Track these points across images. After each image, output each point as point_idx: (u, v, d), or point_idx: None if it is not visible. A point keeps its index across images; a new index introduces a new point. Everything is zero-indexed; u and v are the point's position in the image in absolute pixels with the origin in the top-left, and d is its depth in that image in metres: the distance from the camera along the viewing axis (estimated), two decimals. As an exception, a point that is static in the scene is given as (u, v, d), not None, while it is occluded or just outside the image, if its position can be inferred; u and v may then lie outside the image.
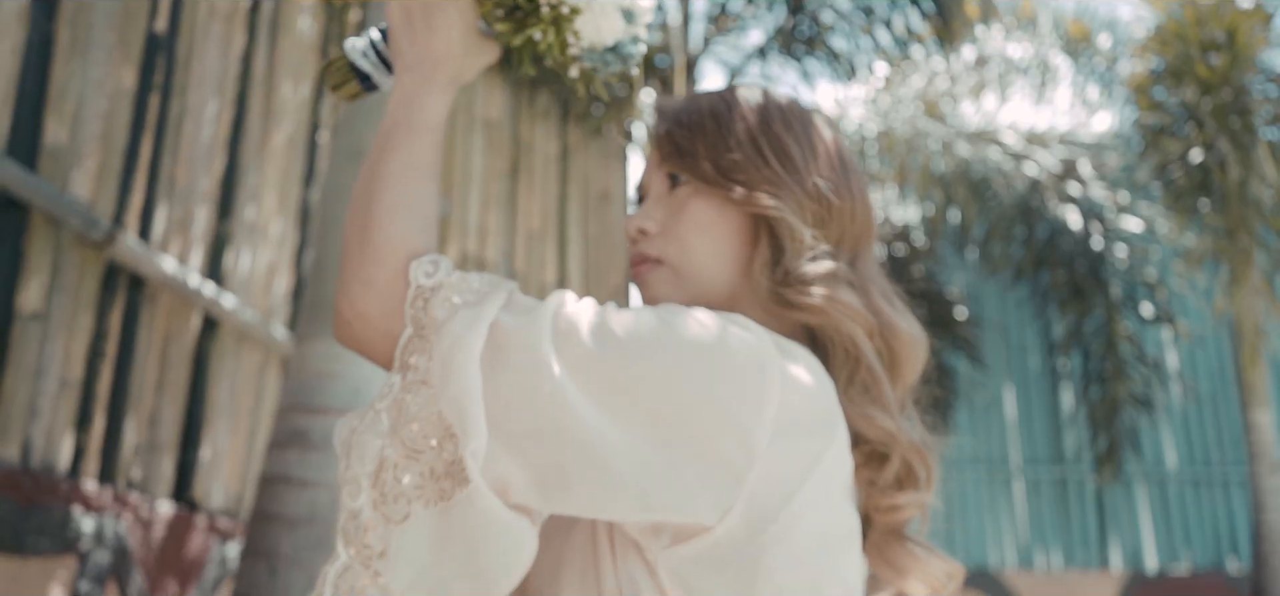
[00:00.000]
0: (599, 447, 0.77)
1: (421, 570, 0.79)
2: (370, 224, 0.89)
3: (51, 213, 2.56)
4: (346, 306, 0.87)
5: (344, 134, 2.81)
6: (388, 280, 0.86)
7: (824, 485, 0.82)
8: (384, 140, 0.93)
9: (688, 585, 0.81)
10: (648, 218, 0.95)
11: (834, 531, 0.83)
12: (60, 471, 2.65)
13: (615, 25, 1.00)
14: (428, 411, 0.81)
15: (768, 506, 0.78)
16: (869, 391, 0.89)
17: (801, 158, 0.94)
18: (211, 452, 3.41)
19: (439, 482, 0.80)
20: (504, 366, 0.78)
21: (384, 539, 0.80)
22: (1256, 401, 6.19)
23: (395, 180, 0.90)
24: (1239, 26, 5.13)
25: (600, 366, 0.78)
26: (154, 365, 3.10)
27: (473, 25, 0.96)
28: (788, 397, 0.81)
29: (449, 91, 0.97)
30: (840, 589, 0.83)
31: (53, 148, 2.61)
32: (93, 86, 2.78)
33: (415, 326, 0.83)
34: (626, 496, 0.77)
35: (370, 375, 2.72)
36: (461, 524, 0.78)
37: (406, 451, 0.81)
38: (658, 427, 0.78)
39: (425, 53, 0.96)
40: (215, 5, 3.46)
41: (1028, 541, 7.32)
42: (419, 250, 0.87)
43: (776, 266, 0.90)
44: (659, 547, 0.81)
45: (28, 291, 2.53)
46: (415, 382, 0.82)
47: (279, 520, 2.52)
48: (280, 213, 3.92)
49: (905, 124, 6.44)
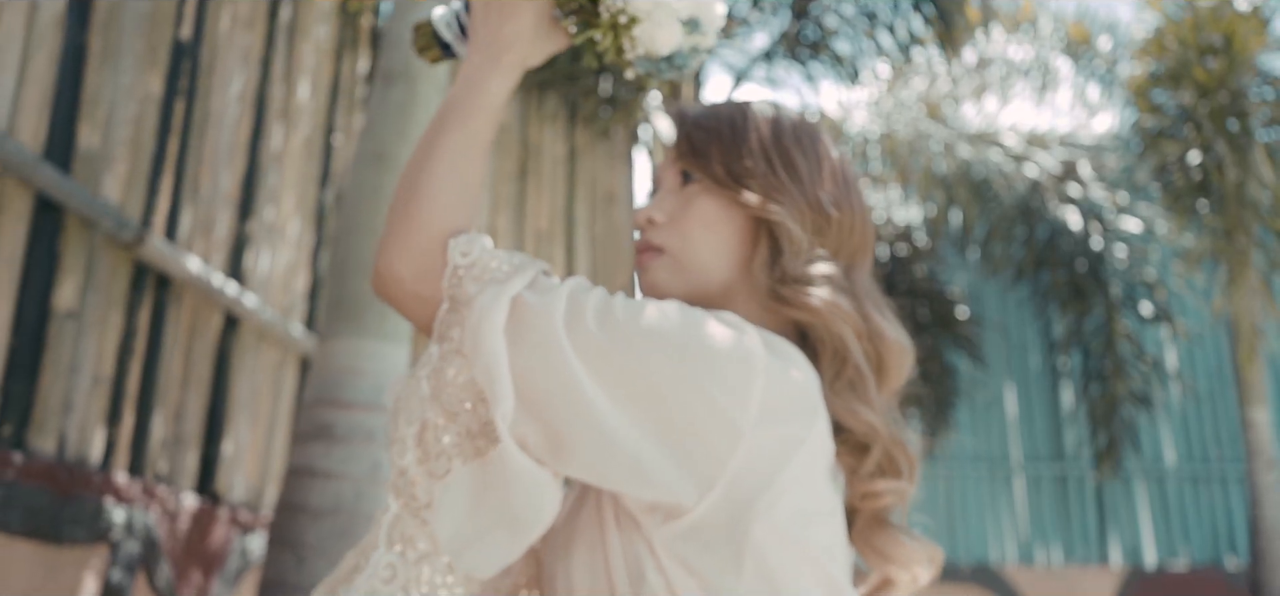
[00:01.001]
0: (598, 422, 0.84)
1: (463, 518, 0.87)
2: (418, 191, 0.96)
3: (85, 214, 2.65)
4: (384, 264, 0.94)
5: (367, 138, 2.90)
6: (425, 247, 0.93)
7: (805, 467, 0.88)
8: (445, 114, 0.99)
9: (682, 559, 0.88)
10: (657, 208, 1.03)
11: (814, 508, 0.90)
12: (93, 464, 2.75)
13: (672, 37, 1.05)
14: (462, 378, 0.88)
15: (753, 485, 0.85)
16: (855, 388, 0.96)
17: (807, 171, 1.02)
18: (233, 447, 3.50)
19: (475, 441, 0.88)
20: (524, 339, 0.85)
21: (429, 492, 0.88)
22: (1254, 399, 6.27)
23: (448, 154, 0.97)
24: (1236, 30, 5.21)
25: (603, 351, 0.85)
26: (179, 362, 3.20)
27: (546, 13, 1.02)
28: (771, 389, 0.87)
29: (513, 74, 1.01)
30: (822, 559, 0.89)
31: (86, 152, 2.71)
32: (123, 93, 2.87)
33: (451, 302, 0.90)
34: (620, 469, 0.85)
35: (392, 371, 2.81)
36: (496, 477, 0.86)
37: (446, 414, 0.88)
38: (649, 412, 0.85)
39: (497, 34, 1.01)
40: (237, 13, 3.56)
41: (1028, 537, 7.37)
42: (459, 226, 0.94)
43: (774, 266, 0.97)
44: (653, 525, 0.88)
45: (63, 290, 2.63)
46: (451, 352, 0.89)
47: (305, 511, 2.62)
48: (298, 213, 4.02)
49: (908, 126, 6.53)
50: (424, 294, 0.92)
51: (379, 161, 2.89)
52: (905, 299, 7.21)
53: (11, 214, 2.43)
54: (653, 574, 0.89)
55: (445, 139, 0.97)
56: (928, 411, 7.19)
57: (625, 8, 1.00)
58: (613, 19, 1.01)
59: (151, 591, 2.96)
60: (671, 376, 0.84)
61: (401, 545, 0.88)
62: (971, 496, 7.45)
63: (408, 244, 0.94)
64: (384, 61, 3.02)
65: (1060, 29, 7.46)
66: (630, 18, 1.01)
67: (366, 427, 2.72)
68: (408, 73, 2.99)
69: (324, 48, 4.25)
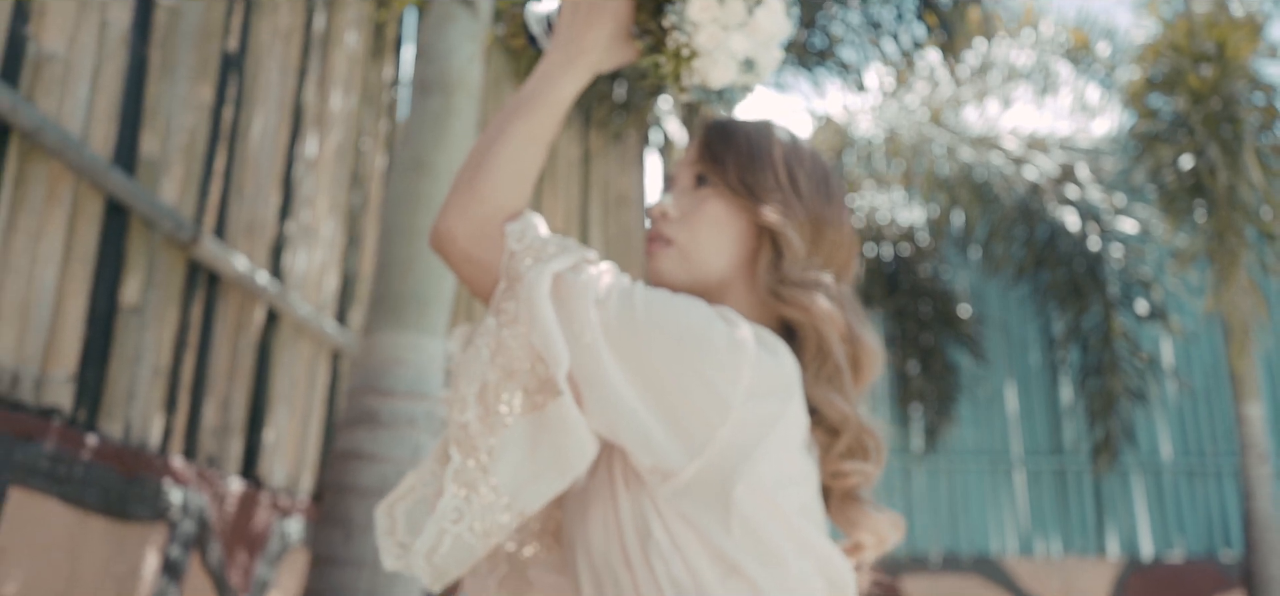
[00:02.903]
0: (612, 389, 0.98)
1: (518, 464, 1.00)
2: (483, 168, 1.07)
3: (147, 216, 2.85)
4: (444, 224, 1.06)
5: (406, 146, 3.10)
6: (481, 218, 1.05)
7: (781, 440, 1.02)
8: (519, 102, 1.10)
9: (682, 514, 1.01)
10: (672, 204, 1.15)
11: (789, 472, 1.03)
12: (153, 448, 2.95)
13: (727, 74, 1.15)
14: (520, 342, 1.00)
15: (737, 453, 0.99)
16: (833, 381, 1.09)
17: (810, 191, 1.14)
18: (274, 435, 3.70)
19: (532, 397, 1.00)
20: (564, 311, 0.99)
21: (488, 443, 1.00)
22: (1247, 395, 6.42)
23: (513, 141, 1.07)
24: (1228, 38, 5.37)
25: (622, 331, 0.98)
26: (226, 354, 3.40)
27: (624, 27, 1.13)
28: (757, 373, 1.00)
29: (584, 76, 1.12)
30: (794, 518, 1.02)
31: (147, 158, 2.91)
32: (179, 103, 3.07)
33: (507, 279, 1.03)
34: (626, 429, 0.98)
35: (430, 362, 3.01)
36: (552, 426, 0.99)
37: (504, 374, 1.01)
38: (652, 385, 0.98)
39: (576, 38, 1.12)
40: (277, 25, 3.75)
41: (1028, 529, 7.45)
42: (514, 208, 1.06)
43: (775, 269, 1.11)
44: (655, 484, 1.00)
45: (128, 287, 2.83)
46: (508, 321, 1.01)
47: (352, 491, 2.81)
48: (330, 215, 4.21)
49: (911, 130, 6.69)
50: (473, 255, 1.05)
51: (417, 168, 3.08)
52: (909, 297, 7.37)
53: (85, 216, 2.63)
54: (658, 528, 1.02)
55: (514, 126, 1.08)
56: (931, 406, 7.34)
57: (690, 42, 1.11)
58: (677, 50, 1.12)
59: (204, 569, 3.16)
60: (675, 357, 0.98)
61: (465, 489, 1.00)
62: (973, 489, 7.53)
63: (467, 212, 1.06)
64: (421, 73, 3.21)
65: (1061, 34, 7.60)
66: (692, 52, 1.12)
67: (408, 414, 2.91)
68: (443, 84, 3.19)
69: (354, 56, 4.45)
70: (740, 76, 1.17)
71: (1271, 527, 6.23)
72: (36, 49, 2.44)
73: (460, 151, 3.16)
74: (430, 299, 2.99)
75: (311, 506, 3.94)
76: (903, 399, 7.40)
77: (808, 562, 1.04)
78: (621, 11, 1.12)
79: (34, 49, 2.44)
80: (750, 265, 1.15)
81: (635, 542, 1.04)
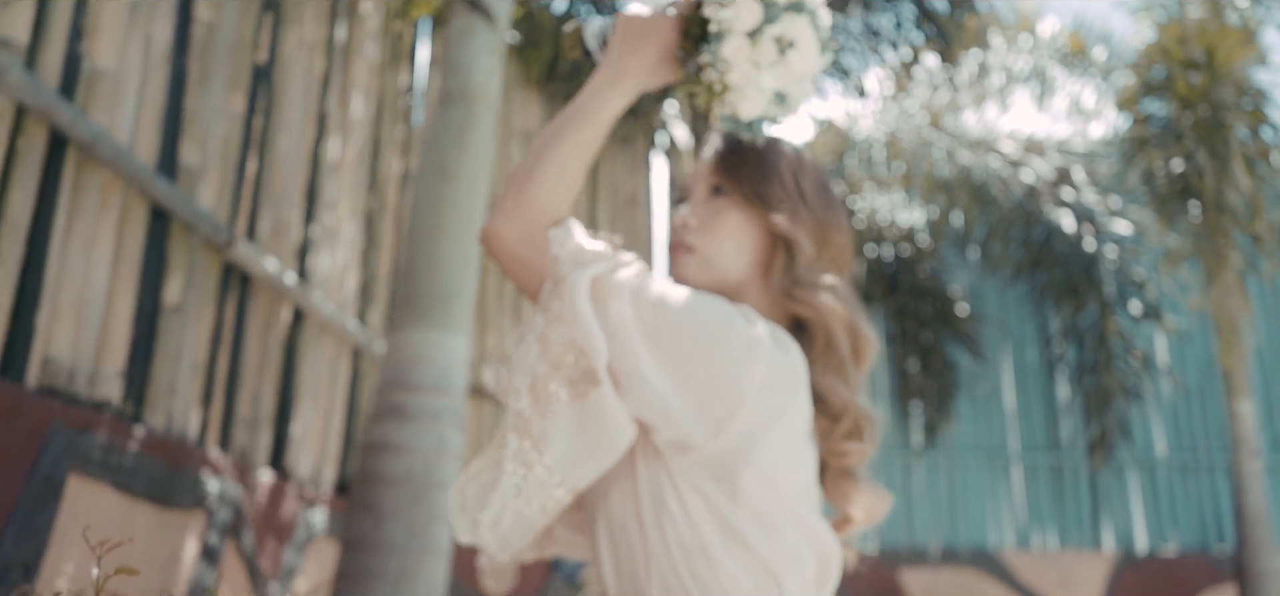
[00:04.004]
0: (644, 375, 1.08)
1: (567, 446, 1.11)
2: (532, 176, 1.17)
3: (187, 221, 3.02)
4: (494, 225, 1.17)
5: (430, 153, 3.26)
6: (529, 223, 1.15)
7: (787, 429, 1.14)
8: (568, 117, 1.19)
9: (693, 484, 1.11)
10: (692, 215, 1.25)
11: (791, 457, 1.15)
12: (192, 439, 3.12)
13: (757, 107, 1.22)
14: (564, 338, 1.11)
15: (749, 437, 1.10)
16: (838, 372, 1.22)
17: (814, 198, 1.27)
18: (300, 428, 3.87)
19: (576, 386, 1.11)
20: (602, 310, 1.11)
21: (541, 428, 1.11)
22: (1239, 392, 6.56)
23: (562, 154, 1.17)
24: (1218, 46, 5.52)
25: (654, 325, 1.09)
26: (256, 351, 3.56)
27: (670, 51, 1.22)
28: (770, 369, 1.12)
29: (630, 94, 1.21)
30: (791, 497, 1.14)
31: (186, 166, 3.08)
32: (214, 113, 3.24)
33: (552, 282, 1.13)
34: (655, 409, 1.08)
35: (453, 359, 3.17)
36: (594, 412, 1.10)
37: (552, 366, 1.11)
38: (680, 374, 1.09)
39: (625, 59, 1.21)
40: (302, 36, 3.92)
41: (1025, 523, 7.58)
42: (558, 215, 1.15)
43: (788, 272, 1.23)
44: (672, 456, 1.11)
45: (170, 288, 3.00)
46: (553, 320, 1.12)
47: (381, 480, 2.98)
48: (351, 218, 4.38)
49: (911, 133, 6.84)
50: (519, 255, 1.16)
51: (441, 174, 3.25)
52: (909, 296, 7.52)
53: (133, 222, 2.80)
54: (671, 498, 1.14)
55: (563, 140, 1.17)
56: (930, 403, 7.49)
57: (724, 76, 1.19)
58: (711, 84, 1.20)
59: (238, 555, 3.33)
60: (699, 351, 1.10)
61: (523, 469, 1.12)
62: (971, 484, 7.66)
63: (516, 216, 1.17)
64: (443, 85, 3.38)
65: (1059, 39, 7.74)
66: (725, 86, 1.20)
67: (432, 408, 3.08)
68: (465, 95, 3.35)
69: (373, 65, 4.62)
70: (771, 110, 1.26)
71: (1262, 522, 6.36)
72: (90, 65, 2.61)
73: (481, 158, 3.33)
74: (454, 298, 3.15)
75: (334, 497, 4.11)
76: (903, 395, 7.54)
77: (801, 537, 1.17)
78: (668, 37, 1.22)
79: (88, 65, 2.60)
80: (765, 268, 1.26)
81: (650, 509, 1.16)
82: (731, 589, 1.12)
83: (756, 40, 1.21)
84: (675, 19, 1.24)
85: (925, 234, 7.66)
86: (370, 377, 4.49)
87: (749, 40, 1.20)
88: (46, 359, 2.44)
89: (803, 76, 1.25)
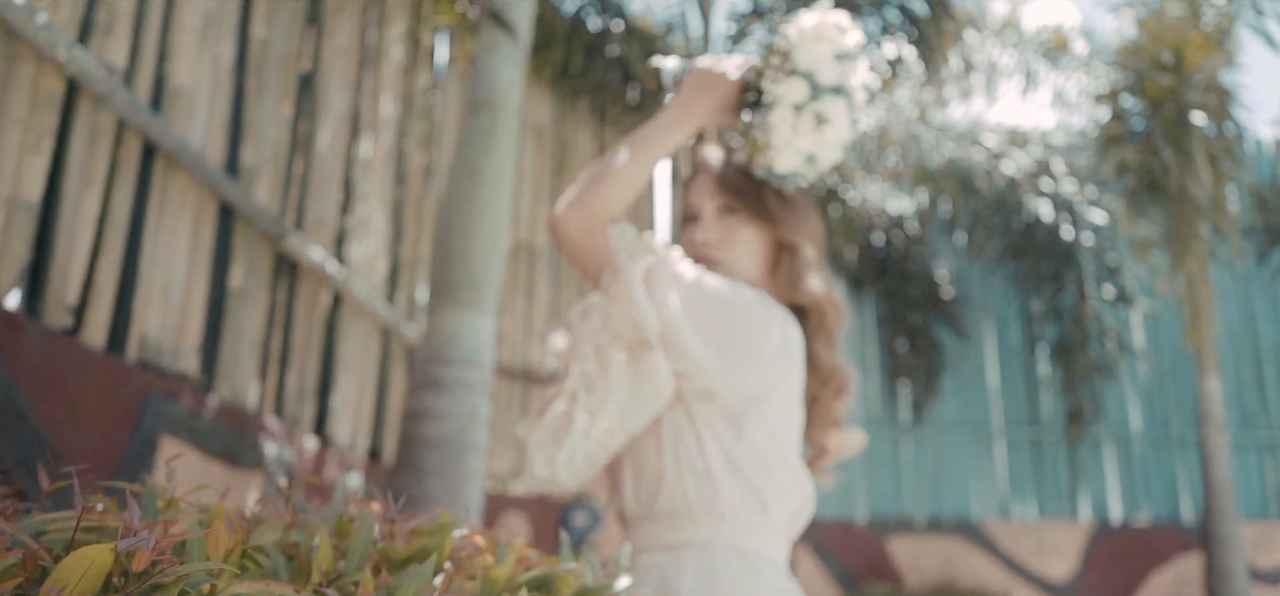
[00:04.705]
0: (688, 344, 1.38)
1: (625, 399, 1.39)
2: (602, 181, 1.41)
3: (248, 216, 3.42)
4: (563, 219, 1.42)
5: (461, 156, 3.65)
6: (593, 219, 1.41)
7: (788, 390, 1.51)
8: (639, 139, 1.44)
9: (709, 425, 1.45)
10: (710, 232, 1.63)
11: (787, 413, 1.50)
12: (252, 408, 3.53)
13: (790, 164, 1.43)
14: (622, 315, 1.39)
15: (757, 394, 1.45)
16: (827, 342, 1.60)
17: (801, 206, 1.71)
18: (339, 400, 4.29)
19: (633, 351, 1.39)
20: (654, 293, 1.45)
21: (604, 383, 1.40)
22: (1208, 371, 6.93)
23: (630, 169, 1.43)
24: (1185, 47, 5.88)
25: (693, 304, 1.45)
26: (303, 331, 3.97)
27: (730, 104, 1.46)
28: (779, 344, 1.48)
29: (692, 130, 1.45)
30: (783, 444, 1.47)
31: (246, 167, 3.48)
32: (268, 119, 3.64)
33: (611, 269, 1.42)
34: (693, 368, 1.39)
35: (483, 337, 3.57)
36: (646, 374, 1.38)
37: (613, 336, 1.40)
38: (714, 340, 1.39)
39: (691, 101, 1.45)
40: (337, 45, 4.31)
41: (1006, 494, 7.90)
42: (616, 216, 1.43)
43: (792, 269, 1.63)
44: (695, 401, 1.46)
45: (234, 275, 3.41)
46: (613, 299, 1.39)
47: (422, 442, 3.38)
48: (380, 209, 4.78)
49: (901, 126, 7.21)
50: (581, 243, 1.46)
51: (470, 175, 3.63)
52: (898, 281, 7.90)
53: (205, 218, 3.20)
54: (688, 435, 1.45)
55: (633, 160, 1.46)
56: (918, 381, 7.86)
57: (768, 136, 1.40)
58: (754, 141, 1.44)
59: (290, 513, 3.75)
60: (728, 324, 1.46)
61: (589, 417, 1.43)
62: (956, 457, 7.97)
63: (581, 214, 1.45)
64: (472, 94, 3.77)
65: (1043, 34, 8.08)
66: (767, 143, 1.43)
67: (466, 380, 3.48)
68: (490, 103, 3.74)
69: (398, 67, 5.01)
70: (802, 167, 1.48)
71: (1227, 492, 6.71)
72: (173, 83, 3.01)
73: (505, 160, 3.72)
74: (483, 285, 3.55)
75: (367, 462, 4.53)
76: (892, 374, 7.89)
77: (787, 476, 1.51)
78: (729, 93, 1.51)
79: (171, 83, 3.00)
80: (772, 267, 1.61)
81: (669, 443, 1.47)
82: (726, 507, 1.46)
83: (799, 113, 1.40)
84: (738, 81, 1.48)
85: (914, 222, 7.99)
86: (397, 356, 4.90)
87: (793, 111, 1.40)
88: (142, 337, 2.85)
89: (833, 144, 1.45)
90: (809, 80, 1.39)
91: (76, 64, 2.42)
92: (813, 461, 1.68)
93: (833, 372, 1.62)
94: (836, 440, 1.66)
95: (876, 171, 7.31)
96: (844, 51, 1.40)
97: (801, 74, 1.39)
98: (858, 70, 1.43)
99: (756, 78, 1.44)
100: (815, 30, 1.40)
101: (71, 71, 2.43)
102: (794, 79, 1.39)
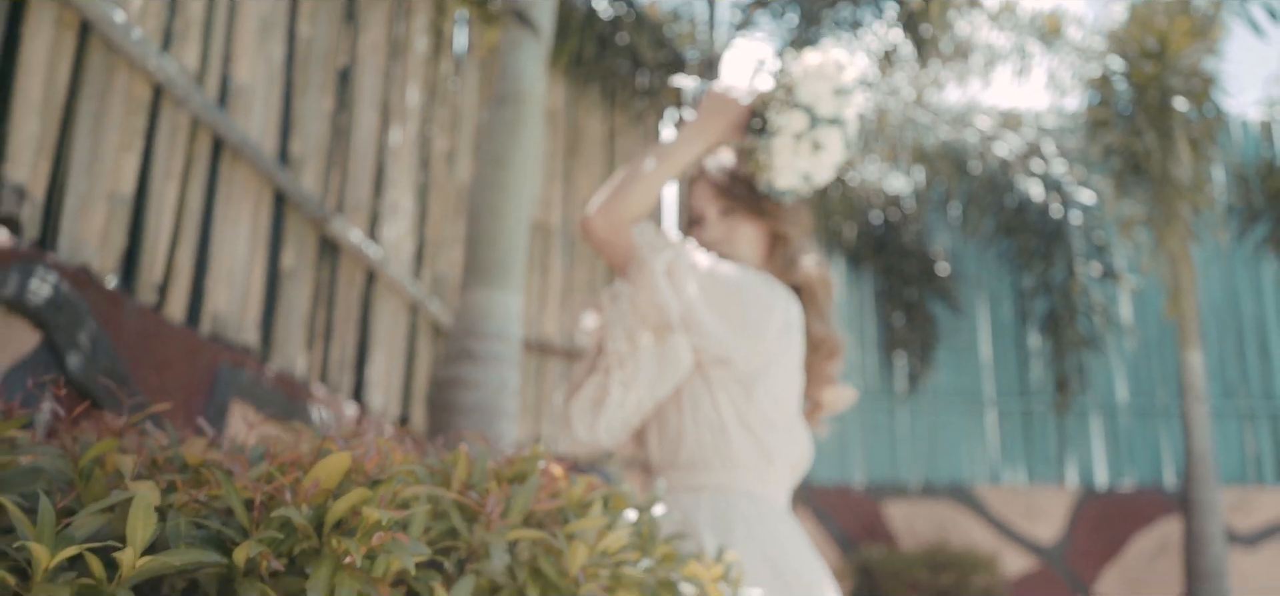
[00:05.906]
0: (706, 324, 1.75)
1: (652, 372, 1.74)
2: (627, 188, 1.72)
3: (297, 202, 3.74)
4: (592, 219, 1.73)
5: (487, 145, 3.97)
6: (619, 220, 1.73)
7: (790, 360, 1.80)
8: (660, 151, 1.74)
9: (724, 389, 1.72)
10: (714, 233, 1.95)
11: (789, 380, 1.78)
12: (301, 377, 3.88)
13: (788, 182, 1.66)
14: (648, 301, 1.73)
15: (763, 364, 1.75)
16: (820, 315, 1.91)
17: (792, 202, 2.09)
18: (374, 372, 4.63)
19: (658, 332, 1.73)
20: (675, 282, 1.84)
21: (635, 360, 1.74)
22: (1190, 343, 7.25)
23: (651, 178, 1.73)
24: (1169, 35, 6.17)
25: (709, 289, 1.75)
26: (343, 307, 4.31)
27: (739, 126, 1.76)
28: (782, 320, 1.77)
29: (707, 146, 1.76)
30: (784, 408, 1.76)
31: (295, 157, 3.80)
32: (312, 112, 3.96)
33: (636, 263, 1.77)
34: (711, 342, 1.73)
35: (510, 312, 3.89)
36: (669, 352, 1.75)
37: (640, 320, 1.73)
38: (727, 319, 1.75)
39: (706, 122, 1.77)
40: (370, 40, 4.62)
41: (997, 461, 8.19)
42: (639, 217, 1.75)
43: (786, 255, 1.99)
44: (711, 367, 1.74)
45: (286, 256, 3.74)
46: (639, 288, 1.72)
47: (456, 409, 3.72)
48: (408, 193, 5.10)
49: (898, 108, 7.50)
50: (608, 240, 1.74)
51: (496, 163, 3.95)
52: (895, 257, 8.21)
53: (263, 205, 3.53)
54: (705, 398, 1.73)
55: (651, 171, 1.73)
56: (913, 353, 8.19)
57: (770, 158, 1.64)
58: (757, 161, 1.71)
59: (333, 471, 4.10)
60: (739, 304, 1.79)
61: (623, 389, 1.88)
62: (950, 426, 8.27)
63: (608, 215, 1.73)
64: (498, 88, 4.08)
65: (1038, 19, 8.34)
66: (769, 164, 1.68)
67: (496, 352, 3.81)
68: (515, 97, 4.04)
69: (422, 58, 5.31)
70: (798, 184, 1.73)
71: (1206, 459, 7.03)
72: (235, 83, 3.33)
73: (529, 149, 4.04)
74: (510, 265, 3.88)
75: (399, 428, 4.88)
76: (888, 347, 8.21)
77: (789, 436, 1.82)
78: (739, 117, 1.79)
79: (234, 83, 3.32)
80: (770, 254, 1.90)
81: (688, 403, 1.76)
82: (737, 458, 1.78)
83: (799, 140, 1.64)
84: (746, 108, 1.75)
85: (910, 200, 8.28)
86: (423, 330, 5.24)
87: (794, 139, 1.64)
88: (214, 313, 3.19)
89: (827, 166, 1.68)
90: (809, 113, 1.68)
91: (162, 71, 2.74)
92: (809, 413, 2.02)
93: (824, 339, 1.92)
94: (830, 396, 1.98)
95: (875, 152, 7.60)
96: (842, 87, 1.69)
97: (803, 107, 1.67)
98: (853, 102, 1.72)
99: (763, 105, 1.70)
100: (817, 69, 1.68)
101: (158, 78, 2.75)
102: (795, 111, 1.68)
